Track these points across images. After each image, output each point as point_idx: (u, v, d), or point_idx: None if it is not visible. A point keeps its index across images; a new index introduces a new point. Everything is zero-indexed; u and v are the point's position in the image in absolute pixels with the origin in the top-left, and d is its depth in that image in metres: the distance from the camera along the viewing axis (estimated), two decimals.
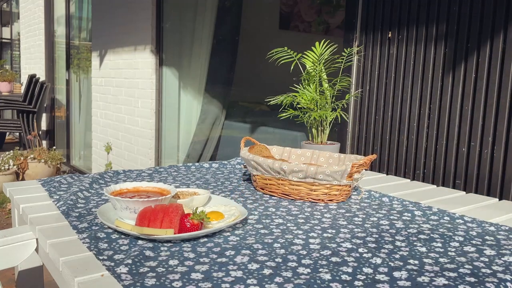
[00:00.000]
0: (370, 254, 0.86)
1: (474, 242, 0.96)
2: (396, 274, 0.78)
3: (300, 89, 1.71)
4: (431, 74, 1.72)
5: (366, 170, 1.83)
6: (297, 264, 0.81)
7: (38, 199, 1.21)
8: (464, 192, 1.51)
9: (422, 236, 0.99)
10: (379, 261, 0.83)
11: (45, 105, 6.21)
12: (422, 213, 1.17)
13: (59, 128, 6.33)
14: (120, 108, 4.26)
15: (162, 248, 0.87)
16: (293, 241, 0.93)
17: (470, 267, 0.82)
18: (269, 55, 1.77)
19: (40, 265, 1.21)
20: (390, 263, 0.83)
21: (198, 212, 0.92)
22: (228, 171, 1.65)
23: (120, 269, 0.77)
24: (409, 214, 1.16)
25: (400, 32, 1.81)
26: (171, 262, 0.81)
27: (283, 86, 1.95)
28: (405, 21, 1.79)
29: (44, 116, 6.47)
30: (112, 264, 0.79)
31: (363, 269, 0.80)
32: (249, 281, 0.74)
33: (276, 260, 0.83)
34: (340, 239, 0.95)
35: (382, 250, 0.89)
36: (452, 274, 0.79)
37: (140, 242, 0.90)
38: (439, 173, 1.70)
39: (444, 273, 0.79)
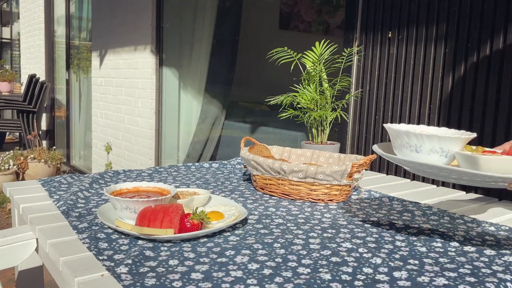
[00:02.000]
0: (370, 254, 0.86)
1: (474, 242, 0.96)
2: (396, 274, 0.78)
3: (300, 89, 1.71)
4: (431, 74, 1.72)
5: (366, 170, 1.83)
6: (297, 264, 0.81)
7: (38, 199, 1.21)
8: (464, 192, 1.51)
9: (422, 236, 0.99)
10: (379, 261, 0.83)
11: (45, 105, 6.21)
12: (422, 213, 1.17)
13: (59, 128, 6.33)
14: (120, 108, 4.26)
15: (162, 248, 0.87)
16: (293, 241, 0.93)
17: (470, 267, 0.82)
18: (269, 55, 1.77)
19: (40, 265, 1.21)
20: (390, 263, 0.83)
21: (198, 212, 0.92)
22: (228, 171, 1.65)
23: (120, 269, 0.77)
24: (409, 214, 1.16)
25: (400, 32, 1.81)
26: (171, 262, 0.81)
27: (283, 86, 1.95)
28: (405, 21, 1.79)
29: (44, 116, 6.47)
30: (112, 264, 0.79)
31: (363, 269, 0.80)
32: (249, 281, 0.74)
33: (276, 260, 0.83)
34: (340, 239, 0.95)
35: (382, 250, 0.89)
36: (452, 274, 0.79)
37: (140, 242, 0.90)
38: None
39: (444, 273, 0.79)
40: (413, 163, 0.79)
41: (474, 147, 0.92)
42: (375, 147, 0.87)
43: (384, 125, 0.85)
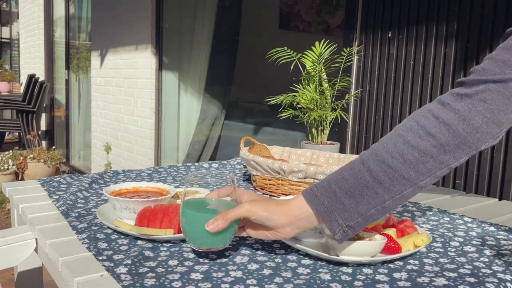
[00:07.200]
0: None
1: (474, 242, 0.96)
2: (396, 274, 0.78)
3: (300, 89, 1.71)
4: (431, 74, 1.71)
5: None
6: (297, 264, 0.81)
7: (38, 199, 1.21)
8: (464, 192, 1.51)
9: None
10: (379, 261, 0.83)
11: (44, 105, 6.21)
12: (422, 213, 1.17)
13: (58, 128, 6.32)
14: (119, 108, 4.26)
15: (161, 248, 0.87)
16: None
17: (470, 267, 0.82)
18: (269, 55, 1.77)
19: (39, 265, 1.21)
20: (390, 263, 0.83)
21: None
22: (228, 171, 1.65)
23: (120, 269, 0.77)
24: (409, 214, 1.16)
25: (400, 32, 1.81)
26: (170, 262, 0.80)
27: (283, 86, 1.95)
28: (405, 21, 1.79)
29: (43, 116, 6.47)
30: (112, 264, 0.79)
31: (363, 269, 0.80)
32: (249, 281, 0.74)
33: (276, 260, 0.83)
34: None
35: None
36: (452, 274, 0.78)
37: (139, 242, 0.89)
38: None
39: (444, 273, 0.79)
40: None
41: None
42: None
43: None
